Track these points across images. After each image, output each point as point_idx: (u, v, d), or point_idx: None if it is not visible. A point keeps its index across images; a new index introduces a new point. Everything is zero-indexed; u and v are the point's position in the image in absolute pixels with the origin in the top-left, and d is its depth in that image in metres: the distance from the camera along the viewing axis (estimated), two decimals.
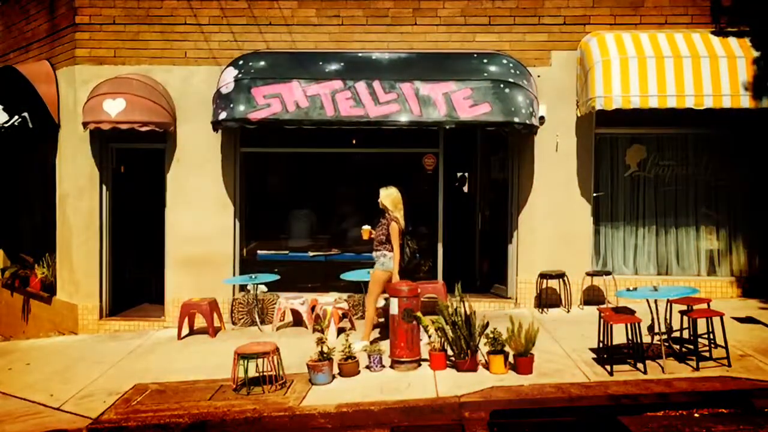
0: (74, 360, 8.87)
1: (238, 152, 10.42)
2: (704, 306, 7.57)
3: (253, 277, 9.91)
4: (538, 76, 9.95)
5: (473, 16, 10.05)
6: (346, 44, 10.13)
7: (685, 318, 7.47)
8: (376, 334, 8.61)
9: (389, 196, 8.31)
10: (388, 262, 8.17)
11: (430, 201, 10.42)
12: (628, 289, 7.49)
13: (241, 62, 9.86)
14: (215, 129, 9.83)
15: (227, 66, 9.91)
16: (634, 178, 10.37)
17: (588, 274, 9.89)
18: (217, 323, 9.60)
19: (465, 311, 7.35)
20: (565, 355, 7.74)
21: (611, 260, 10.39)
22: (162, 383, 7.63)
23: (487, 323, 7.33)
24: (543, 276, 9.85)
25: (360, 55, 9.99)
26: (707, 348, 7.34)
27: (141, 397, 7.22)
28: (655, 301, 7.36)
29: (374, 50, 10.03)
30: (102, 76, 10.17)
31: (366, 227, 8.66)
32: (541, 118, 9.80)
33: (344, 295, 9.86)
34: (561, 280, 9.91)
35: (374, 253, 8.33)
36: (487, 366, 7.29)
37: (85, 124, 9.87)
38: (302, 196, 11.10)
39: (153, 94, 9.94)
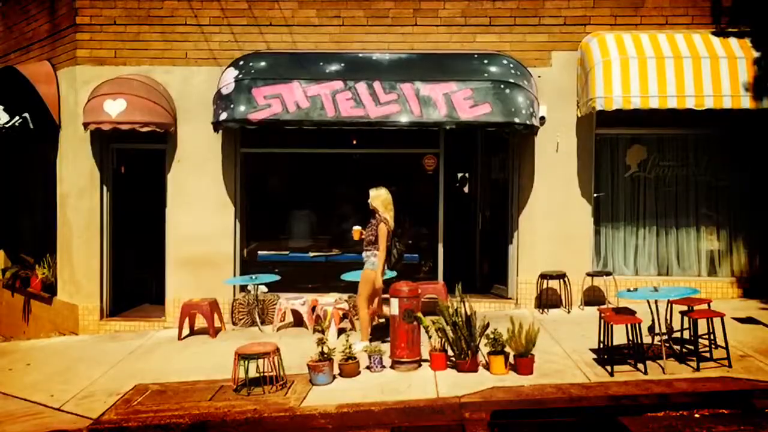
0: (75, 360, 8.87)
1: (239, 153, 10.42)
2: (705, 306, 7.57)
3: (254, 277, 9.91)
4: (539, 77, 9.95)
5: (474, 16, 10.05)
6: (347, 45, 10.13)
7: (686, 318, 7.46)
8: (370, 334, 8.57)
9: (378, 197, 8.31)
10: (377, 261, 8.18)
11: (430, 201, 10.42)
12: (628, 290, 7.49)
13: (241, 63, 9.86)
14: (216, 129, 9.83)
15: (228, 66, 9.91)
16: (635, 179, 10.37)
17: (588, 274, 9.89)
18: (217, 324, 9.61)
19: (465, 312, 7.35)
20: (566, 356, 7.74)
21: (612, 261, 10.39)
22: (162, 384, 7.63)
23: (488, 324, 7.33)
24: (543, 276, 9.85)
25: (360, 55, 9.99)
26: (708, 348, 7.34)
27: (141, 398, 7.22)
28: (656, 302, 7.36)
29: (375, 51, 10.03)
30: (103, 76, 10.17)
31: (357, 228, 8.70)
32: (542, 119, 9.80)
33: (345, 296, 9.84)
34: (561, 280, 9.91)
35: (364, 254, 8.35)
36: (487, 366, 7.29)
37: (85, 125, 9.87)
38: (302, 196, 11.09)
39: (153, 95, 9.95)
